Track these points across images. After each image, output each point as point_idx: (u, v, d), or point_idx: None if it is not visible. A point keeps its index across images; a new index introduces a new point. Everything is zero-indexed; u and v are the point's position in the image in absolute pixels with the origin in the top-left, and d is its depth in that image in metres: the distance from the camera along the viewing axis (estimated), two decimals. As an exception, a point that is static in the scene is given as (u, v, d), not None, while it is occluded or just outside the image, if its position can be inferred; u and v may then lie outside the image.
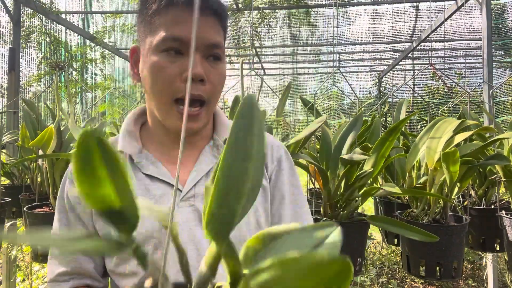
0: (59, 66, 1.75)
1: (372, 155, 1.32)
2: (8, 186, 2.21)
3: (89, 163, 0.25)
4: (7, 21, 3.05)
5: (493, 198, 1.80)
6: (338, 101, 7.53)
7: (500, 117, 5.52)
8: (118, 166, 0.26)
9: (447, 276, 1.31)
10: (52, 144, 1.46)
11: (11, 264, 2.52)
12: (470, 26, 5.35)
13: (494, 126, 1.69)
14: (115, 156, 0.26)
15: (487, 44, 2.33)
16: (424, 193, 1.40)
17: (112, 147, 0.26)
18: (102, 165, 0.26)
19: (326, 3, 3.75)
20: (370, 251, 3.96)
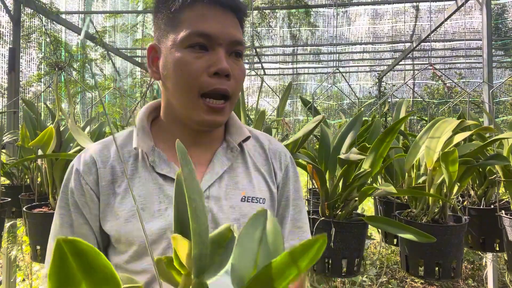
0: (59, 66, 1.75)
1: (369, 155, 1.32)
2: (8, 186, 2.22)
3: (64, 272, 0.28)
4: (7, 21, 3.05)
5: (493, 198, 1.80)
6: (338, 101, 7.53)
7: (500, 117, 5.52)
8: (95, 268, 0.29)
9: (446, 276, 1.31)
10: (52, 144, 1.46)
11: (11, 264, 2.52)
12: (470, 26, 5.35)
13: (494, 126, 1.69)
14: (92, 259, 0.28)
15: (487, 44, 2.33)
16: (423, 193, 1.40)
17: (88, 251, 0.28)
18: (78, 271, 0.28)
19: (326, 3, 3.75)
20: (370, 251, 3.96)
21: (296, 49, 6.14)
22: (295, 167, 0.87)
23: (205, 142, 0.77)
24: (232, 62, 0.69)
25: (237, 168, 0.77)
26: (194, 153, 0.75)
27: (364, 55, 6.39)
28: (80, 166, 0.72)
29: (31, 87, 3.66)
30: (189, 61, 0.67)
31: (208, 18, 0.67)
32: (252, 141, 0.83)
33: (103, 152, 0.74)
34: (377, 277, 3.21)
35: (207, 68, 0.67)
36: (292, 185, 0.83)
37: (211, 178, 0.73)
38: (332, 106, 7.59)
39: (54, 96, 1.82)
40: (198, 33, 0.66)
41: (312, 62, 6.54)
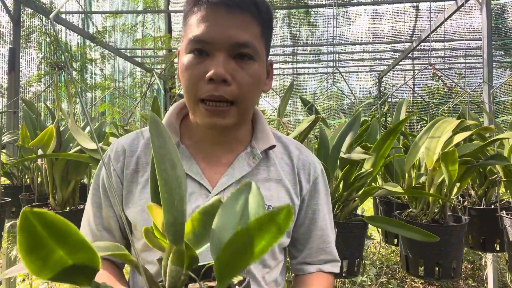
0: (59, 66, 1.75)
1: (372, 154, 1.32)
2: (8, 186, 2.22)
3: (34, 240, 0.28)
4: (7, 21, 3.05)
5: (493, 198, 1.80)
6: (338, 101, 7.53)
7: (500, 117, 5.52)
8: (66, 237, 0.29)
9: (446, 276, 1.31)
10: (52, 144, 1.46)
11: (11, 264, 2.52)
12: (470, 26, 5.35)
13: (494, 126, 1.69)
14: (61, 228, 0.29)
15: (487, 44, 2.33)
16: (423, 193, 1.40)
17: (53, 216, 0.29)
18: (48, 237, 0.29)
19: (326, 3, 3.75)
20: (370, 251, 3.96)
21: (296, 49, 6.13)
22: (325, 180, 0.85)
23: (228, 143, 0.77)
24: (235, 66, 0.66)
25: (258, 175, 0.76)
26: (216, 152, 0.76)
27: (364, 55, 6.39)
28: (112, 153, 0.78)
29: (31, 87, 3.66)
30: (189, 67, 0.67)
31: (208, 21, 0.65)
32: (280, 149, 0.82)
33: (133, 142, 0.78)
34: (377, 277, 3.21)
35: (204, 74, 0.66)
36: (321, 199, 0.82)
37: (227, 181, 0.73)
38: (332, 106, 7.59)
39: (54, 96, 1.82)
40: (195, 39, 0.66)
41: (312, 62, 6.54)
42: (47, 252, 0.29)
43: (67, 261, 0.30)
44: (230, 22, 0.65)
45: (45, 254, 0.29)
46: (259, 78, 0.70)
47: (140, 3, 3.87)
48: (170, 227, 0.36)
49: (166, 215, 0.36)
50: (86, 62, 4.01)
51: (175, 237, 0.37)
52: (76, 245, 0.30)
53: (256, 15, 0.68)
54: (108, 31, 3.92)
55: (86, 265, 0.31)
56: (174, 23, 5.32)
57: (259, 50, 0.68)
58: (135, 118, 4.09)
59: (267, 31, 0.71)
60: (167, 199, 0.36)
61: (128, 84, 5.28)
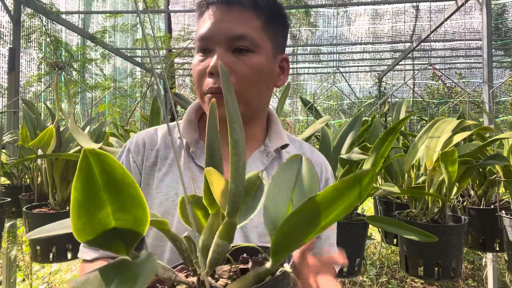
0: (59, 66, 1.75)
1: (371, 154, 1.32)
2: (8, 186, 2.22)
3: (89, 189, 0.26)
4: (7, 21, 3.05)
5: (493, 198, 1.80)
6: (338, 101, 7.53)
7: (500, 117, 5.52)
8: (121, 188, 0.26)
9: (445, 276, 1.31)
10: (52, 144, 1.46)
11: (11, 264, 2.52)
12: (470, 26, 5.35)
13: (494, 126, 1.69)
14: (120, 177, 0.26)
15: (487, 44, 2.33)
16: (422, 192, 1.40)
17: (113, 162, 0.26)
18: (102, 187, 0.26)
19: (326, 3, 3.75)
20: (370, 251, 3.96)
21: (296, 49, 6.13)
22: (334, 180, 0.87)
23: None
24: (234, 59, 0.68)
25: (272, 174, 0.76)
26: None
27: (364, 55, 6.39)
28: (132, 145, 0.79)
29: (31, 87, 3.66)
30: (196, 65, 0.72)
31: (208, 20, 0.69)
32: (294, 150, 0.83)
33: (152, 137, 0.80)
34: (377, 277, 3.21)
35: (206, 69, 0.69)
36: None
37: None
38: (332, 106, 7.59)
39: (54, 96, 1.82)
40: (198, 37, 0.70)
41: (312, 62, 6.54)
42: (96, 206, 0.26)
43: (111, 222, 0.27)
44: (227, 17, 0.68)
45: (94, 209, 0.26)
46: (261, 71, 0.70)
47: (140, 3, 3.87)
48: (232, 196, 0.33)
49: (232, 182, 0.32)
50: (86, 62, 4.01)
51: (232, 208, 0.33)
52: (128, 201, 0.27)
53: (255, 10, 0.70)
54: (108, 31, 3.92)
55: (129, 229, 0.28)
56: (174, 23, 5.32)
57: (259, 43, 0.69)
58: (135, 118, 4.09)
59: (271, 24, 0.72)
60: (236, 163, 0.32)
61: (128, 84, 5.29)
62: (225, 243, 0.35)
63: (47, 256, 1.48)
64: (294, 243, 0.30)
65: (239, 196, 0.33)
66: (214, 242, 0.35)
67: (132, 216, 0.28)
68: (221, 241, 0.35)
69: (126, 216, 0.28)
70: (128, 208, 0.27)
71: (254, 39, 0.69)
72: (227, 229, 0.35)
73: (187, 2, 5.02)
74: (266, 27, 0.71)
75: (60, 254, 1.48)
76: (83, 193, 0.26)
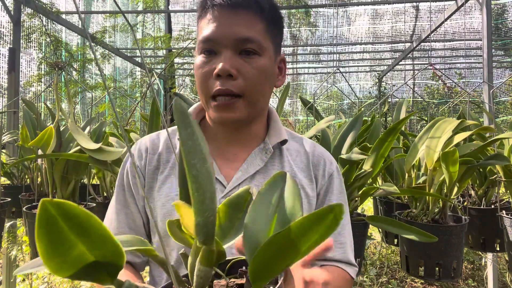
0: (59, 66, 1.75)
1: (371, 155, 1.32)
2: (8, 186, 2.21)
3: (54, 234, 0.26)
4: (7, 21, 3.05)
5: (493, 198, 1.80)
6: (338, 101, 7.53)
7: (500, 117, 5.52)
8: (88, 230, 0.27)
9: (446, 276, 1.31)
10: (51, 144, 1.46)
11: (11, 264, 2.52)
12: (470, 26, 5.35)
13: (494, 126, 1.69)
14: (84, 220, 0.27)
15: (487, 44, 2.33)
16: (423, 193, 1.40)
17: (75, 207, 0.27)
18: (69, 231, 0.27)
19: (326, 3, 3.75)
20: (370, 251, 3.96)
21: (296, 49, 6.13)
22: (341, 179, 0.85)
23: (243, 140, 0.79)
24: (241, 61, 0.69)
25: (272, 171, 0.78)
26: (232, 149, 0.79)
27: (364, 55, 6.39)
28: (135, 151, 0.81)
29: (31, 87, 3.66)
30: (200, 66, 0.71)
31: (213, 22, 0.70)
32: (295, 145, 0.84)
33: (154, 141, 0.82)
34: (377, 277, 3.21)
35: (212, 72, 0.69)
36: (335, 196, 0.82)
37: (242, 176, 0.76)
38: (332, 106, 7.59)
39: (54, 96, 1.82)
40: (203, 39, 0.70)
41: (312, 62, 6.53)
42: (67, 247, 0.27)
43: (89, 257, 0.28)
44: (234, 20, 0.69)
45: (66, 250, 0.27)
46: (266, 72, 0.72)
47: (140, 3, 3.86)
48: (201, 228, 0.33)
49: (197, 216, 0.33)
50: (86, 62, 4.01)
51: (206, 238, 0.34)
52: (100, 240, 0.27)
53: (259, 12, 0.71)
54: (108, 31, 3.92)
55: (109, 262, 0.29)
56: (174, 23, 5.32)
57: (264, 45, 0.71)
58: (135, 118, 4.08)
59: (273, 27, 0.74)
60: (198, 198, 0.32)
61: (128, 84, 5.28)
62: (206, 269, 0.36)
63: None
64: (272, 271, 0.31)
65: (211, 225, 0.34)
66: (196, 267, 0.37)
67: (108, 251, 0.29)
68: (202, 267, 0.36)
69: (102, 252, 0.28)
70: (101, 246, 0.28)
71: (259, 41, 0.70)
72: (205, 256, 0.36)
73: (187, 2, 5.02)
74: (268, 29, 0.72)
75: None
76: (48, 238, 0.26)
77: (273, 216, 0.36)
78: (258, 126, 0.81)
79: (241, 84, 0.69)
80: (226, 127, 0.77)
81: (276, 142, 0.79)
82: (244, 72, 0.69)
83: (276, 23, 0.75)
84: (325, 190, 0.82)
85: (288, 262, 0.30)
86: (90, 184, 2.00)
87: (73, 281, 3.12)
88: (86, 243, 0.27)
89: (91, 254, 0.28)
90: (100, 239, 0.28)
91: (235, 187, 0.75)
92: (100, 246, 0.28)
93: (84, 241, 0.27)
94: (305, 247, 0.29)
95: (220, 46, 0.69)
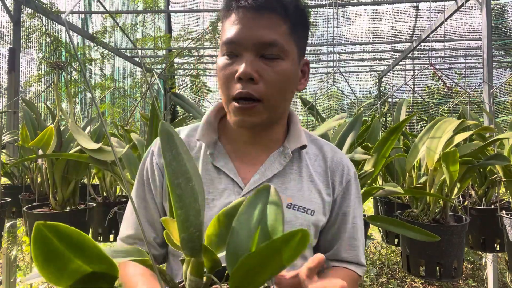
0: (59, 66, 1.75)
1: (373, 155, 1.32)
2: (8, 186, 2.21)
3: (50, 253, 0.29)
4: (7, 21, 3.05)
5: (493, 198, 1.80)
6: (338, 101, 7.53)
7: (500, 117, 5.52)
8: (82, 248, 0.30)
9: (447, 276, 1.31)
10: (52, 144, 1.45)
11: (11, 264, 2.52)
12: (470, 26, 5.34)
13: (494, 126, 1.69)
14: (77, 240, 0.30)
15: (487, 44, 2.33)
16: (425, 193, 1.40)
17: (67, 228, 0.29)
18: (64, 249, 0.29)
19: (326, 3, 3.75)
20: (370, 251, 3.96)
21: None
22: (358, 184, 0.85)
23: (263, 143, 0.79)
24: (263, 65, 0.69)
25: (290, 175, 0.78)
26: (252, 151, 0.79)
27: (364, 55, 6.39)
28: (155, 149, 0.83)
29: (31, 87, 3.66)
30: (222, 68, 0.71)
31: (237, 24, 0.69)
32: (314, 150, 0.84)
33: None
34: (377, 277, 3.21)
35: (234, 74, 0.69)
36: (352, 202, 0.82)
37: (259, 179, 0.76)
38: (332, 106, 7.59)
39: (54, 96, 1.82)
40: (226, 41, 0.70)
41: (312, 62, 6.53)
42: (64, 262, 0.29)
43: (86, 268, 0.30)
44: (256, 23, 0.68)
45: (63, 264, 0.29)
46: (288, 77, 0.71)
47: (140, 3, 3.86)
48: (186, 243, 0.36)
49: (181, 232, 0.35)
50: (86, 62, 4.01)
51: (192, 251, 0.36)
52: (93, 256, 0.30)
53: (283, 15, 0.70)
54: (108, 31, 3.92)
55: (105, 273, 0.31)
56: (174, 23, 5.32)
57: (287, 49, 0.70)
58: (135, 118, 4.08)
59: (297, 30, 0.73)
60: (181, 216, 0.35)
61: (128, 84, 5.28)
62: (196, 279, 0.38)
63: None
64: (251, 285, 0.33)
65: (197, 239, 0.36)
66: (188, 278, 0.39)
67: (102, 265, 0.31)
68: (192, 277, 0.38)
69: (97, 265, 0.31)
70: (94, 261, 0.31)
71: (282, 45, 0.69)
72: (194, 267, 0.38)
73: (187, 2, 5.02)
74: (292, 32, 0.71)
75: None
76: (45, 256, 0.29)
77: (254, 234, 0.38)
78: (278, 130, 0.81)
79: (262, 88, 0.69)
80: (246, 130, 0.78)
81: (296, 147, 0.78)
82: (265, 76, 0.69)
83: (302, 25, 0.74)
84: (342, 196, 0.82)
85: (260, 281, 0.32)
86: (90, 184, 1.99)
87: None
88: (81, 258, 0.30)
89: (88, 267, 0.30)
90: (93, 255, 0.30)
91: (252, 190, 0.75)
92: (94, 260, 0.30)
93: (79, 258, 0.30)
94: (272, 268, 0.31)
95: (242, 48, 0.69)
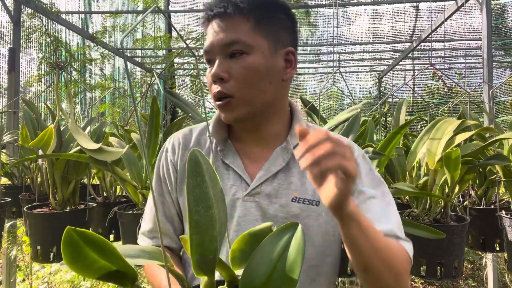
0: (59, 66, 1.75)
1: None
2: (8, 186, 2.21)
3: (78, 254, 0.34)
4: (7, 21, 3.05)
5: (493, 198, 1.80)
6: (338, 101, 7.53)
7: (500, 117, 5.52)
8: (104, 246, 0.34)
9: (448, 275, 1.31)
10: (52, 144, 1.45)
11: (11, 264, 2.52)
12: (470, 26, 5.34)
13: (494, 126, 1.69)
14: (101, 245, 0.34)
15: (487, 44, 2.33)
16: (427, 193, 1.40)
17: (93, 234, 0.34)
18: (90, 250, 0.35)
19: (326, 3, 3.75)
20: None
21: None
22: (369, 165, 0.82)
23: (264, 139, 0.82)
24: (231, 63, 0.74)
25: (293, 169, 0.80)
26: (255, 149, 0.82)
27: (364, 55, 6.39)
28: (170, 146, 0.87)
29: (31, 87, 3.65)
30: (207, 75, 0.79)
31: (209, 34, 0.77)
32: None
33: (186, 137, 0.87)
34: (377, 277, 3.20)
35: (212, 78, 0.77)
36: (363, 177, 0.78)
37: (264, 176, 0.78)
38: (332, 106, 7.59)
39: (54, 96, 1.82)
40: (203, 52, 0.78)
41: (312, 62, 6.53)
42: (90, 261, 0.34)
43: (111, 267, 0.35)
44: (222, 28, 0.75)
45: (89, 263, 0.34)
46: (257, 69, 0.74)
47: (140, 3, 3.86)
48: (199, 264, 0.38)
49: (194, 254, 0.37)
50: (86, 62, 4.01)
51: (205, 272, 0.38)
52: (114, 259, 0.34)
53: (244, 14, 0.74)
54: (108, 31, 3.92)
55: (126, 272, 0.35)
56: (174, 23, 5.32)
57: (252, 43, 0.74)
58: (135, 118, 4.08)
59: (263, 23, 0.76)
60: (195, 240, 0.37)
61: (128, 84, 5.28)
62: None
63: (47, 256, 1.48)
64: None
65: (210, 262, 0.38)
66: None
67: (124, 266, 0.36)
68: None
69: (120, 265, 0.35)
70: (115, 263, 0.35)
71: (245, 41, 0.73)
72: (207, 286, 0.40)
73: (187, 2, 5.02)
74: (257, 27, 0.75)
75: (60, 254, 1.48)
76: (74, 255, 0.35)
77: (273, 267, 0.39)
78: (277, 125, 0.82)
79: (232, 85, 0.74)
80: (242, 127, 0.82)
81: (297, 142, 0.78)
82: (234, 73, 0.73)
83: (272, 17, 0.77)
84: None
85: None
86: (90, 184, 1.99)
87: (73, 281, 3.12)
88: (104, 259, 0.34)
89: (112, 265, 0.35)
90: (114, 258, 0.34)
91: (258, 186, 0.78)
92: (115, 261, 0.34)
93: (103, 258, 0.34)
94: None
95: (213, 54, 0.76)
